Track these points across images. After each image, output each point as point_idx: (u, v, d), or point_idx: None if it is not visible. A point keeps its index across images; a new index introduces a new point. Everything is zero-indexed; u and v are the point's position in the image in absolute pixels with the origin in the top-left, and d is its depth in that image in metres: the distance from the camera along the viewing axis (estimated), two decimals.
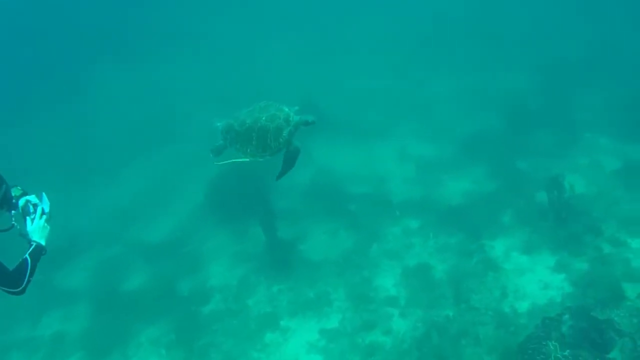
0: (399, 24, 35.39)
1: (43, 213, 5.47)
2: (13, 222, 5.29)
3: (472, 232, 16.22)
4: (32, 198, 5.53)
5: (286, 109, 8.84)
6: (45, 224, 5.47)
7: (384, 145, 22.40)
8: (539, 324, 11.12)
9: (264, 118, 8.71)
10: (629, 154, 18.63)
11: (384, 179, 20.03)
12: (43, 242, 5.39)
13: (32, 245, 5.29)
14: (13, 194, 5.35)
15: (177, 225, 20.23)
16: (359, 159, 21.57)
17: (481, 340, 12.42)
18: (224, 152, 9.40)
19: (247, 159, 9.02)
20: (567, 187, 15.16)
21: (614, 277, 13.01)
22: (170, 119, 28.34)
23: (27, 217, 5.38)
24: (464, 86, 26.14)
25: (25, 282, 5.03)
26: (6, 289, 4.93)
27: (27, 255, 5.18)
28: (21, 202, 5.44)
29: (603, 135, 20.36)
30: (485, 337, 12.46)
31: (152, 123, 28.38)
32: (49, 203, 5.59)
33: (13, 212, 5.31)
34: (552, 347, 10.14)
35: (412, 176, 19.75)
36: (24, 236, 5.35)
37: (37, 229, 5.38)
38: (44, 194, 5.62)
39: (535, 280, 14.10)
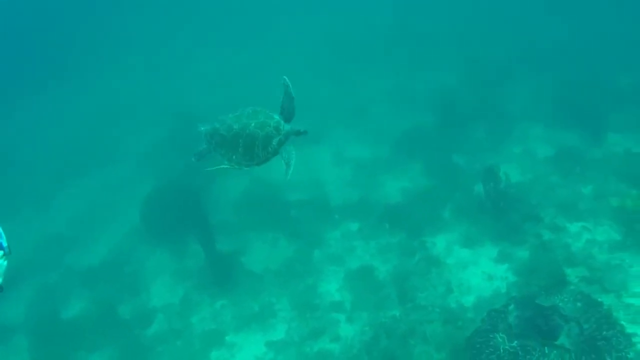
0: (328, 29, 35.29)
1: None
2: None
3: (412, 230, 16.02)
4: None
5: (276, 117, 8.18)
6: (2, 261, 5.29)
7: (320, 150, 22.09)
8: (485, 317, 10.89)
9: (253, 124, 8.02)
10: (560, 140, 18.80)
11: (321, 183, 19.71)
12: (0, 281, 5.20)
13: None
14: None
15: (115, 247, 19.50)
16: (296, 166, 21.08)
17: (429, 338, 12.20)
18: (208, 156, 8.67)
19: (232, 167, 8.41)
20: (503, 177, 15.10)
21: (556, 262, 13.00)
22: (100, 142, 27.52)
23: None
24: (397, 86, 26.13)
25: None
26: None
27: None
28: None
29: (534, 124, 20.50)
30: (433, 335, 12.25)
31: (82, 147, 27.61)
32: (4, 236, 5.39)
33: None
34: (499, 339, 9.92)
35: (349, 179, 19.51)
36: None
37: None
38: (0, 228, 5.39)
39: (479, 273, 13.98)
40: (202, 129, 8.57)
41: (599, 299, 10.96)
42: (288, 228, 17.76)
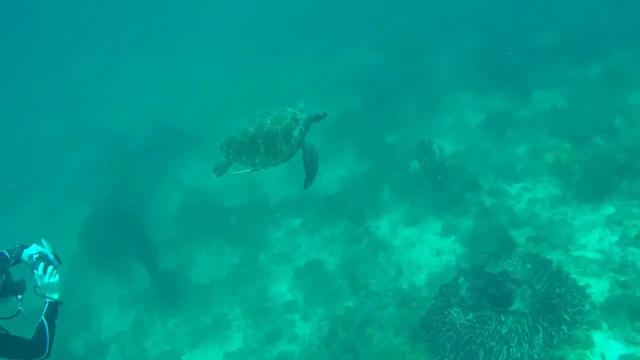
0: (245, 25, 34.68)
1: (48, 264, 5.42)
2: (19, 308, 5.31)
3: (354, 217, 15.69)
4: (34, 249, 5.53)
5: (290, 109, 7.67)
6: (54, 275, 5.42)
7: None
8: (437, 293, 10.56)
9: (269, 121, 7.49)
10: (489, 105, 18.79)
11: (257, 185, 19.26)
12: (56, 296, 5.40)
13: (45, 303, 5.36)
14: (10, 255, 5.46)
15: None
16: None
17: (386, 323, 11.83)
18: (229, 168, 8.17)
19: (258, 169, 7.82)
20: (436, 150, 14.83)
21: (501, 227, 12.77)
22: (21, 172, 26.40)
23: (35, 272, 5.37)
24: (321, 73, 25.76)
25: (48, 347, 5.15)
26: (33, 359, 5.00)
27: (42, 317, 5.27)
28: (24, 256, 5.49)
29: (462, 93, 20.45)
30: (389, 320, 11.88)
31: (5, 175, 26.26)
32: (51, 248, 5.55)
33: (19, 296, 5.31)
34: (454, 314, 9.60)
35: (285, 176, 18.96)
36: (38, 294, 5.39)
37: (47, 285, 5.39)
38: (43, 240, 5.59)
39: (427, 249, 13.67)
40: (217, 143, 8.06)
41: (548, 257, 10.80)
42: (230, 234, 17.31)
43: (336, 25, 29.25)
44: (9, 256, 5.55)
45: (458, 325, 9.34)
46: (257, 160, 7.44)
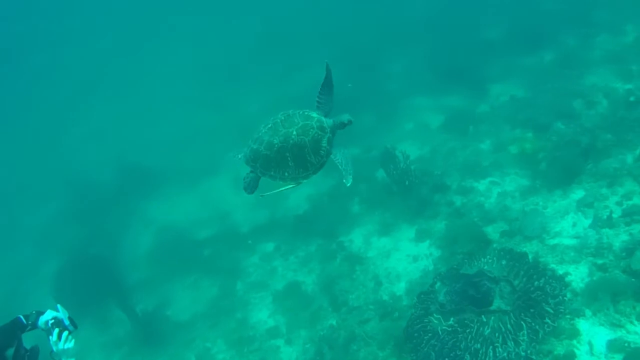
0: (200, 56, 34.29)
1: (64, 329, 5.44)
2: None
3: (327, 233, 15.30)
4: (49, 314, 5.55)
5: (314, 114, 6.95)
6: (70, 340, 5.41)
7: (218, 180, 21.17)
8: (415, 302, 10.20)
9: (295, 133, 6.78)
10: (448, 105, 18.64)
11: (227, 213, 18.79)
12: None
13: None
14: (26, 321, 5.49)
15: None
16: (197, 203, 20.23)
17: (370, 338, 11.45)
18: (259, 182, 7.35)
19: (291, 185, 7.11)
20: (400, 156, 14.55)
21: (474, 225, 12.54)
22: None
23: (50, 338, 5.36)
24: (278, 96, 25.33)
25: None
26: None
27: None
28: (40, 323, 5.50)
29: (420, 97, 20.25)
30: (373, 334, 11.50)
31: None
32: (67, 313, 5.58)
33: None
34: (435, 321, 9.24)
35: (253, 201, 18.55)
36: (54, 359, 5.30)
37: (62, 351, 5.36)
38: (58, 305, 5.60)
39: (403, 257, 13.32)
40: (240, 156, 7.34)
41: (523, 249, 10.58)
42: (205, 267, 16.77)
43: (289, 48, 28.96)
44: (25, 322, 5.58)
45: (440, 332, 8.96)
46: (287, 173, 6.82)
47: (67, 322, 5.59)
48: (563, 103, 15.00)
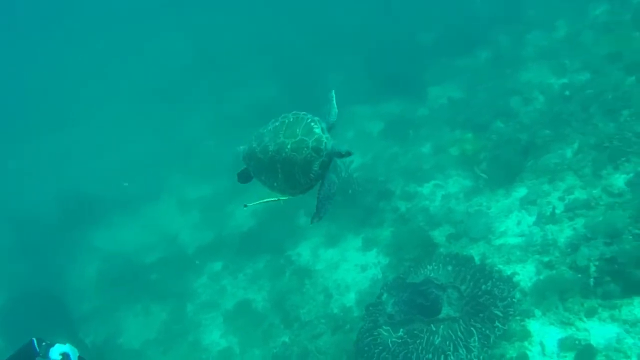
0: (138, 76, 33.57)
1: None
2: None
3: (274, 248, 14.95)
4: (58, 348, 5.50)
5: (318, 131, 6.27)
6: None
7: (161, 204, 20.69)
8: (364, 314, 9.89)
9: (289, 146, 6.21)
10: (388, 112, 18.57)
11: (173, 236, 18.32)
12: None
13: None
14: (39, 349, 5.39)
15: None
16: (142, 228, 19.66)
17: (323, 353, 11.17)
18: (251, 179, 7.01)
19: (278, 198, 6.67)
20: (342, 165, 14.25)
21: (420, 229, 12.35)
22: None
23: None
24: (218, 114, 24.92)
25: None
26: None
27: None
28: (52, 355, 5.41)
29: (359, 105, 19.95)
30: (326, 348, 11.23)
31: None
32: (77, 352, 5.62)
33: None
34: (385, 333, 8.93)
35: (199, 221, 18.22)
36: None
37: None
38: (68, 344, 5.57)
39: (351, 268, 13.06)
40: (241, 148, 6.91)
41: (470, 252, 10.44)
42: (154, 292, 16.23)
43: (225, 64, 28.48)
44: (37, 349, 5.46)
45: (390, 345, 8.65)
46: (275, 184, 6.28)
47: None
48: (500, 101, 14.92)
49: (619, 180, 10.26)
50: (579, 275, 8.60)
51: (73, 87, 36.82)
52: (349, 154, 6.42)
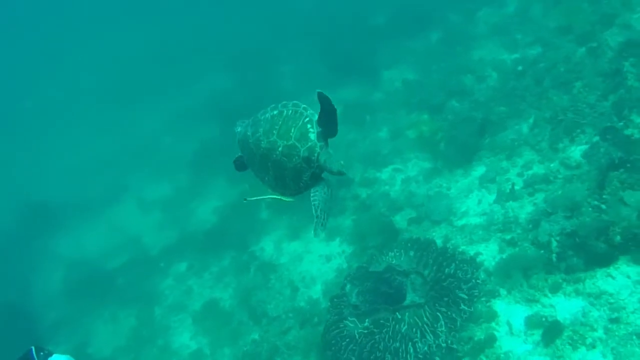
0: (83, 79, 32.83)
1: None
2: None
3: (238, 244, 14.70)
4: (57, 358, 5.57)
5: (312, 137, 5.60)
6: None
7: (122, 206, 20.24)
8: (329, 307, 9.69)
9: (280, 149, 5.61)
10: (343, 98, 17.96)
11: (136, 239, 17.92)
12: None
13: None
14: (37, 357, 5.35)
15: None
16: (105, 232, 19.20)
17: (293, 348, 10.94)
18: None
19: (281, 198, 5.92)
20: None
21: (381, 215, 12.17)
22: None
23: None
24: (176, 109, 24.45)
25: None
26: None
27: None
28: None
29: (313, 93, 19.54)
30: (296, 343, 10.99)
31: None
32: None
33: None
34: (351, 324, 8.72)
35: (161, 221, 17.85)
36: None
37: None
38: (67, 356, 5.61)
39: (316, 259, 12.86)
40: (238, 129, 6.28)
41: (432, 235, 10.27)
42: (120, 297, 15.90)
43: (180, 60, 27.97)
44: (36, 358, 5.55)
45: (357, 336, 8.45)
46: (266, 179, 5.75)
47: None
48: (454, 81, 14.78)
49: (576, 152, 10.18)
50: (542, 251, 8.49)
51: (22, 90, 36.00)
52: (340, 173, 5.74)
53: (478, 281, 8.49)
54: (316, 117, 5.65)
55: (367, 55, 19.00)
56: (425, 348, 7.86)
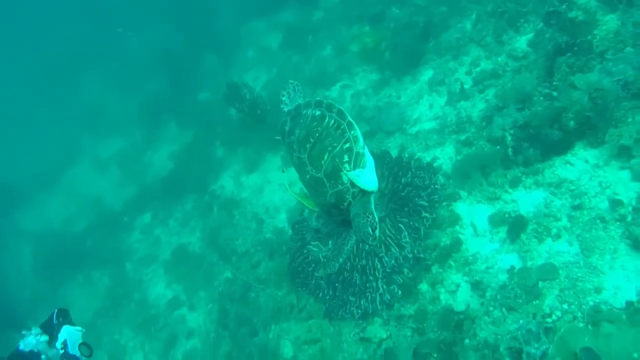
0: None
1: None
2: None
3: (198, 186, 14.33)
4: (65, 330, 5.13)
5: (344, 178, 4.84)
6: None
7: (78, 169, 20.17)
8: (292, 235, 9.37)
9: (308, 176, 4.95)
10: (282, 22, 18.06)
11: (97, 198, 17.70)
12: None
13: None
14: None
15: None
16: (65, 198, 19.04)
17: (265, 280, 10.60)
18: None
19: (310, 207, 5.34)
20: (245, 88, 13.42)
21: None
22: None
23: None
24: (113, 67, 23.65)
25: None
26: None
27: None
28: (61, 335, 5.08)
29: (253, 21, 19.12)
30: (268, 274, 10.63)
31: None
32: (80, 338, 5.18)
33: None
34: (315, 249, 8.41)
35: (119, 176, 17.53)
36: None
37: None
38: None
39: (277, 188, 12.56)
40: (286, 109, 5.40)
41: (388, 146, 9.96)
42: (92, 260, 15.59)
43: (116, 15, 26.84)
44: (54, 321, 5.22)
45: (322, 259, 8.13)
46: (302, 179, 5.13)
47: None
48: None
49: (522, 42, 9.84)
50: (497, 147, 8.18)
51: None
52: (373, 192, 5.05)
53: (437, 186, 8.15)
54: (361, 142, 5.03)
55: None
56: (392, 261, 7.59)
